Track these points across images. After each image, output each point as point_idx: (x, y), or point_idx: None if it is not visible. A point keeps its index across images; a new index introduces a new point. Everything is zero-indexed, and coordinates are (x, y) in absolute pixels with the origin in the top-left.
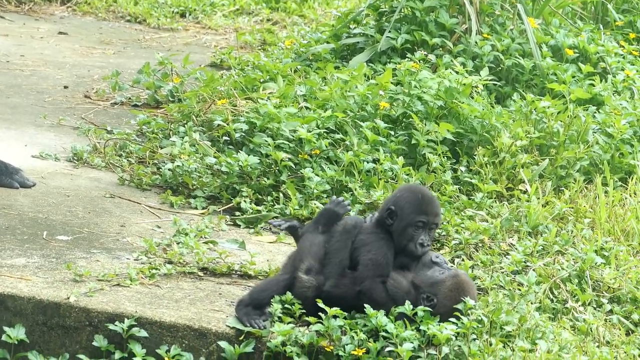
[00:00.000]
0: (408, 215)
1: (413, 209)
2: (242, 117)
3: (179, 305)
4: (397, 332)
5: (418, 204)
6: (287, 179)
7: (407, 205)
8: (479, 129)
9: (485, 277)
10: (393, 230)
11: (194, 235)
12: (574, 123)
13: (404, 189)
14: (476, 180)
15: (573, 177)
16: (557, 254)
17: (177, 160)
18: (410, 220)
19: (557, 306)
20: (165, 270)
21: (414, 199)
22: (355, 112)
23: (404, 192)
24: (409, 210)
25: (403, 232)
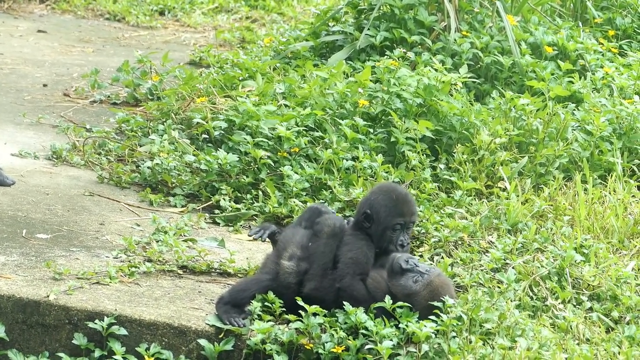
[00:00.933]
0: (385, 218)
1: (389, 211)
2: (221, 115)
3: (158, 303)
4: (377, 330)
5: (393, 205)
6: (267, 176)
7: (383, 208)
8: (458, 126)
9: (464, 275)
10: (372, 233)
11: (173, 233)
12: (553, 120)
13: (377, 191)
14: (455, 178)
15: (552, 175)
16: (537, 252)
17: (156, 158)
18: (387, 224)
19: (536, 304)
20: (145, 268)
21: (389, 201)
22: (334, 109)
23: (378, 194)
24: (385, 213)
25: (382, 235)
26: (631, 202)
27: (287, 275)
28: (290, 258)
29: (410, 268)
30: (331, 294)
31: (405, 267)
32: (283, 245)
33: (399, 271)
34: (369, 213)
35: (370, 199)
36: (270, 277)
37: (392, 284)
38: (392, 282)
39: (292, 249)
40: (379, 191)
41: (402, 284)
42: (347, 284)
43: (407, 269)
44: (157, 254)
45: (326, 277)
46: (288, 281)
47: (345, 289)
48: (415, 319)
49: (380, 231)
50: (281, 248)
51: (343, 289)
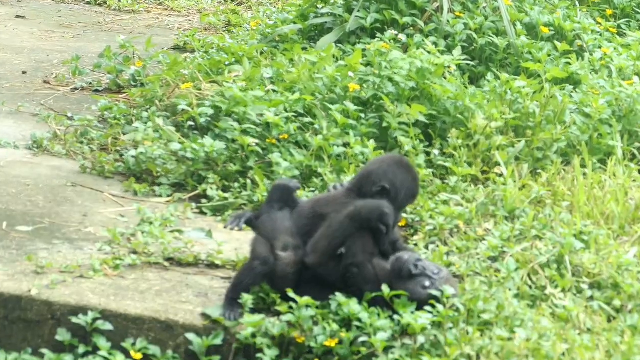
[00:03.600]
0: (403, 198)
1: (410, 192)
2: (207, 101)
3: (144, 297)
4: (371, 321)
5: (415, 186)
6: (255, 164)
7: (404, 188)
8: (452, 110)
9: (461, 264)
10: None
11: (159, 224)
12: (551, 103)
13: (396, 165)
14: (450, 164)
15: (550, 159)
16: (535, 239)
17: (141, 146)
18: (403, 204)
19: (535, 293)
20: (130, 260)
21: (410, 181)
22: (324, 94)
23: (397, 169)
24: (405, 193)
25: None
26: (632, 187)
27: (285, 266)
28: (284, 248)
29: (420, 273)
30: (336, 273)
31: (415, 273)
32: (272, 235)
33: (407, 275)
34: (387, 188)
35: (389, 172)
36: (260, 262)
37: (398, 286)
38: (398, 285)
39: (284, 238)
40: (398, 165)
41: (410, 289)
42: (361, 261)
43: (415, 274)
44: (143, 246)
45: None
46: (287, 272)
47: (359, 266)
48: (412, 310)
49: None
50: (270, 237)
51: (356, 266)
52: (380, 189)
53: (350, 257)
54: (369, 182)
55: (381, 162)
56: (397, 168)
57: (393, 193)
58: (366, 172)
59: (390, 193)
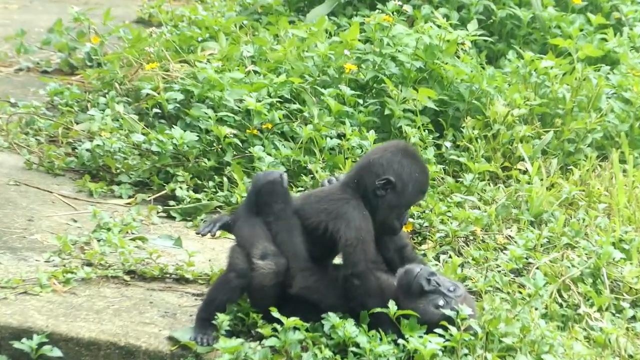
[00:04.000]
0: (411, 193)
1: (418, 186)
2: (176, 84)
3: (100, 318)
4: (371, 347)
5: (424, 180)
6: (233, 159)
7: (412, 181)
8: (467, 95)
9: (478, 278)
10: (380, 203)
11: (119, 230)
12: (583, 87)
13: (400, 153)
14: (465, 159)
15: (583, 153)
16: (566, 248)
17: (97, 138)
18: (411, 200)
19: (567, 312)
20: (83, 274)
21: (419, 172)
22: (315, 76)
23: (404, 158)
24: (413, 187)
25: (395, 209)
26: None
27: (263, 277)
28: (263, 256)
29: (433, 290)
30: (324, 285)
31: (428, 289)
32: (249, 241)
33: (418, 292)
34: (392, 181)
35: (393, 162)
36: (236, 274)
37: (407, 304)
38: (407, 303)
39: (262, 245)
40: (405, 153)
41: (421, 308)
42: (362, 270)
43: (428, 290)
44: (99, 257)
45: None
46: (263, 284)
47: (360, 276)
48: (421, 334)
49: (397, 204)
50: (247, 244)
51: (357, 277)
52: (384, 182)
53: (349, 266)
54: (369, 174)
55: (384, 151)
56: (403, 157)
57: (399, 187)
58: (366, 163)
59: (396, 187)
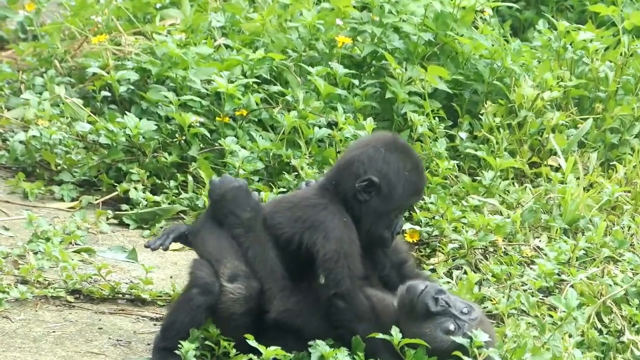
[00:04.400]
0: (401, 195)
1: (410, 186)
2: (130, 61)
3: (38, 347)
4: None
5: (417, 177)
6: (199, 154)
7: (402, 180)
8: (487, 75)
9: (499, 299)
10: (364, 209)
11: (60, 240)
12: (630, 64)
13: (385, 147)
14: (484, 153)
15: (629, 146)
16: (607, 262)
17: (33, 128)
18: (402, 203)
19: (607, 340)
20: (17, 293)
21: (409, 168)
22: (300, 52)
23: (391, 154)
24: (404, 188)
25: (383, 216)
26: None
27: (232, 303)
28: (232, 278)
29: (442, 311)
30: (307, 309)
31: (435, 311)
32: (214, 256)
33: (423, 314)
34: (375, 182)
35: (377, 160)
36: (200, 290)
37: (409, 328)
38: (410, 327)
39: (231, 263)
40: (390, 147)
41: (428, 334)
42: (348, 289)
43: (436, 312)
44: (36, 273)
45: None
46: (233, 311)
47: (345, 297)
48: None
49: (385, 210)
50: (213, 260)
51: (341, 298)
52: (366, 183)
53: (331, 285)
54: (349, 174)
55: (366, 146)
56: (388, 152)
57: (385, 189)
58: (345, 161)
59: (381, 189)
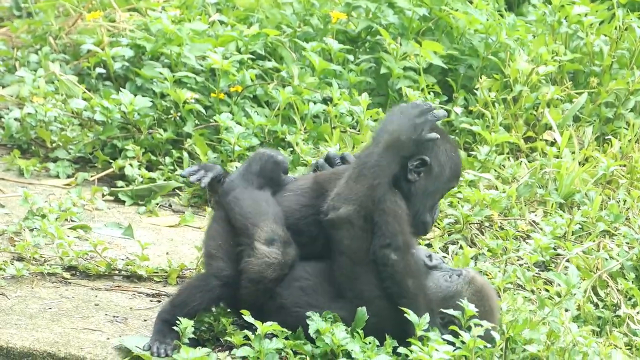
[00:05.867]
0: (448, 176)
1: (454, 168)
2: (124, 38)
3: (35, 324)
4: (366, 357)
5: (458, 162)
6: (194, 130)
7: (449, 161)
8: (482, 49)
9: (495, 273)
10: (413, 190)
11: (56, 217)
12: (625, 38)
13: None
14: (479, 127)
15: (624, 120)
16: (603, 236)
17: (28, 105)
18: (448, 186)
19: (604, 314)
20: (14, 270)
21: (454, 152)
22: (294, 27)
23: (442, 140)
24: (450, 170)
25: (430, 196)
26: None
27: (265, 267)
28: (270, 242)
29: (437, 265)
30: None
31: (431, 265)
32: (250, 219)
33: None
34: (427, 162)
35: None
36: (220, 283)
37: None
38: None
39: (269, 226)
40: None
41: (434, 285)
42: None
43: (433, 266)
44: (32, 250)
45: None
46: (264, 275)
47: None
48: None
49: (433, 190)
50: (248, 223)
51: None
52: (419, 162)
53: (388, 235)
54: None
55: None
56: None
57: (436, 169)
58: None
59: (433, 169)
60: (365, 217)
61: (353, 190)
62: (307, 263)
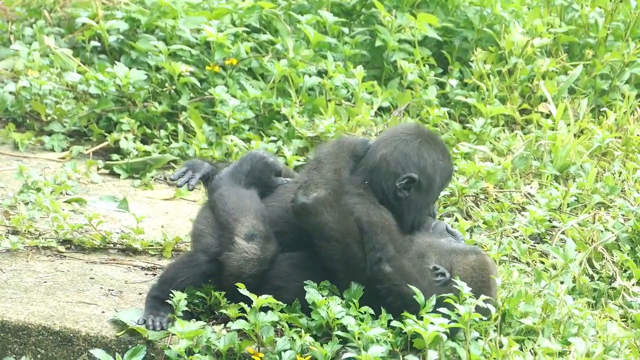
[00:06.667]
0: (438, 185)
1: (444, 175)
2: (119, 11)
3: (30, 297)
4: (361, 330)
5: (449, 163)
6: (189, 103)
7: (437, 171)
8: (477, 22)
9: (491, 246)
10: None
11: (51, 191)
12: (620, 10)
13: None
14: (474, 100)
15: (620, 92)
16: (599, 208)
17: (23, 78)
18: (439, 190)
19: (599, 286)
20: (9, 244)
21: (443, 157)
22: (289, 0)
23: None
24: (441, 178)
25: (424, 207)
26: None
27: (244, 262)
28: (250, 237)
29: (456, 234)
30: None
31: (451, 230)
32: (232, 214)
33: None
34: (415, 179)
35: (413, 156)
36: (207, 258)
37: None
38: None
39: (250, 221)
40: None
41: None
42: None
43: (452, 232)
44: (27, 223)
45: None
46: (243, 271)
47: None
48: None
49: (425, 203)
50: (230, 217)
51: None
52: (406, 180)
53: (378, 248)
54: (386, 173)
55: (393, 141)
56: (420, 145)
57: (425, 183)
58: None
59: (422, 184)
60: (338, 200)
61: (318, 176)
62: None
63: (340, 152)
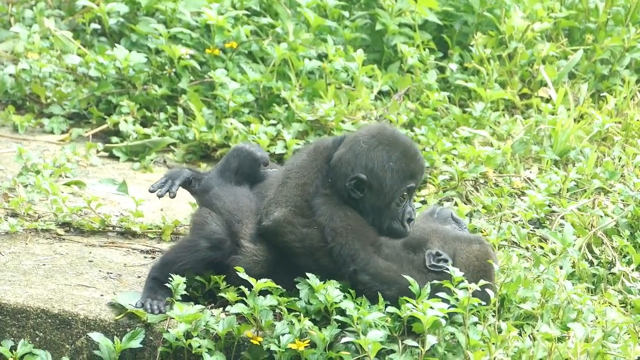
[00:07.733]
0: (391, 187)
1: (398, 176)
2: None
3: (29, 280)
4: (359, 315)
5: (405, 165)
6: (189, 86)
7: (387, 172)
8: (477, 5)
9: (490, 230)
10: (362, 206)
11: (50, 173)
12: None
13: (373, 142)
14: (474, 84)
15: (620, 77)
16: (598, 193)
17: (23, 60)
18: (396, 193)
19: (598, 271)
20: (7, 226)
21: (398, 159)
22: None
23: (374, 149)
24: (392, 179)
25: (382, 209)
26: None
27: (253, 264)
28: (256, 239)
29: (461, 222)
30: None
31: (456, 217)
32: (234, 214)
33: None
34: (364, 179)
35: (362, 157)
36: (209, 245)
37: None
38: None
39: (253, 223)
40: (376, 142)
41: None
42: (366, 260)
43: (457, 219)
44: (26, 206)
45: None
46: (252, 273)
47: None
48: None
49: (382, 205)
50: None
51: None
52: (355, 181)
53: (349, 261)
54: (340, 173)
55: (352, 142)
56: (372, 147)
57: (375, 184)
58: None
59: (372, 185)
60: (303, 214)
61: (282, 193)
62: None
63: (312, 162)
